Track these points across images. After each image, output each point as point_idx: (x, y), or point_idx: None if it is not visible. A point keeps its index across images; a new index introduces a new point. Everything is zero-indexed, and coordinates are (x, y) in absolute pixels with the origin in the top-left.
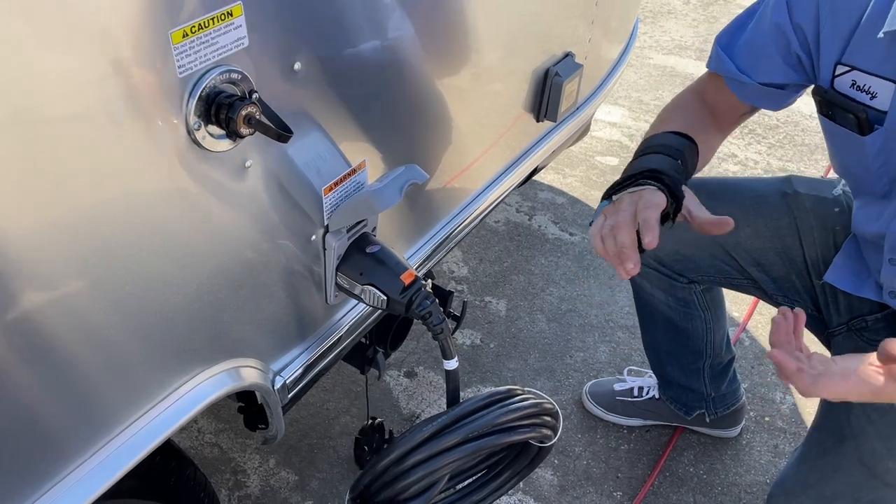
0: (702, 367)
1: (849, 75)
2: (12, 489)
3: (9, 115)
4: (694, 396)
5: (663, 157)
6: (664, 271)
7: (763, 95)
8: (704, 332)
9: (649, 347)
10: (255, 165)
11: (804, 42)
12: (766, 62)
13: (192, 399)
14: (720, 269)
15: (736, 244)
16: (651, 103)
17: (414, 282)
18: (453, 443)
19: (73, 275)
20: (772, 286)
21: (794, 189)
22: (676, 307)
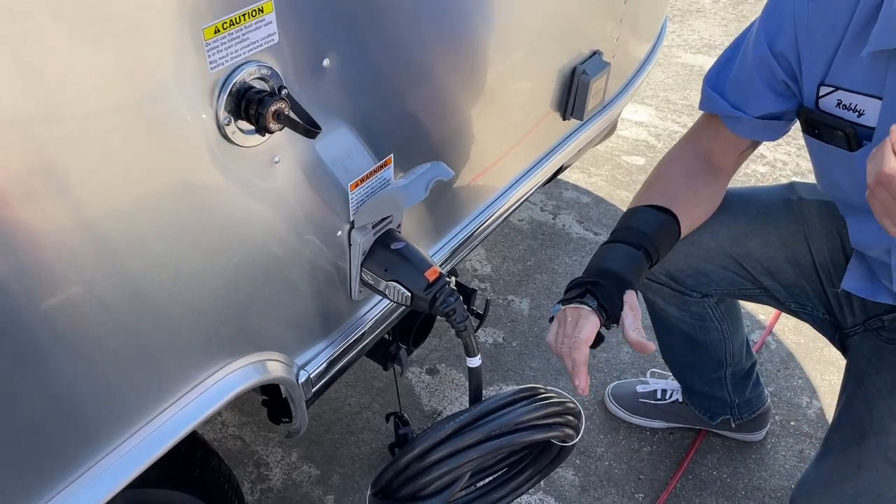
0: (723, 375)
1: (833, 95)
2: (42, 478)
3: (42, 111)
4: (718, 403)
5: (624, 249)
6: (676, 287)
7: (760, 129)
8: (722, 343)
9: (669, 361)
10: (283, 161)
11: (788, 69)
12: (755, 96)
13: (218, 391)
14: (732, 281)
15: (747, 255)
16: (679, 103)
17: (438, 279)
18: (476, 440)
19: (103, 268)
20: (784, 294)
21: (799, 195)
22: (691, 321)
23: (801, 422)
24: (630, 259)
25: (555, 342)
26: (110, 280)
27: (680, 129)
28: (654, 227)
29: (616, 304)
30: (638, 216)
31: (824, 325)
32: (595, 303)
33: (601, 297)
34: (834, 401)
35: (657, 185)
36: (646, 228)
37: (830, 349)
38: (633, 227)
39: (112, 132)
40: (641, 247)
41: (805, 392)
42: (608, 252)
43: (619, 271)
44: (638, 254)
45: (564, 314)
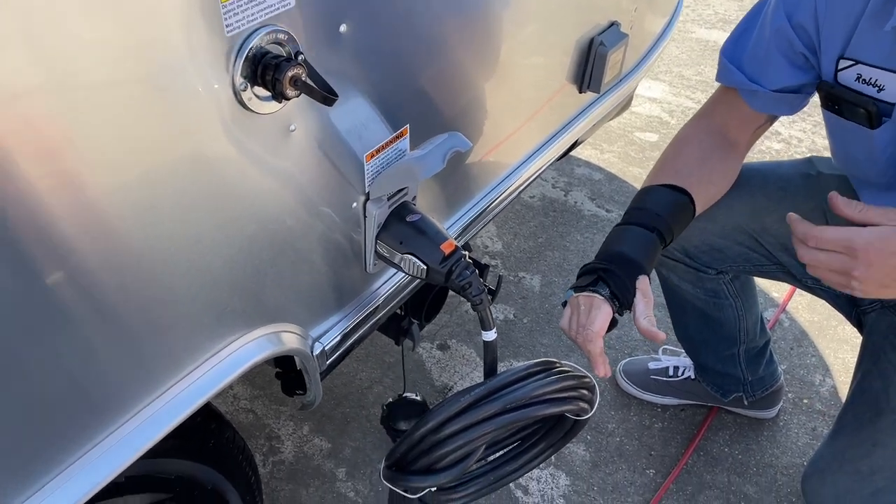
0: (737, 352)
1: (853, 69)
2: (60, 447)
3: (53, 79)
4: (731, 381)
5: (638, 231)
6: (691, 264)
7: (777, 102)
8: (736, 320)
9: (682, 337)
10: (299, 129)
11: (807, 40)
12: (774, 68)
13: (232, 362)
14: (748, 258)
15: (763, 231)
16: (693, 78)
17: (454, 252)
18: (490, 413)
19: (117, 237)
20: (800, 270)
21: (818, 170)
22: (706, 298)
23: (813, 399)
24: (643, 242)
25: (569, 329)
26: (123, 248)
27: (694, 106)
28: (667, 208)
29: (629, 290)
30: (652, 196)
31: (840, 302)
32: (608, 291)
33: (613, 284)
34: (847, 379)
35: (671, 163)
36: (659, 209)
37: (844, 327)
38: (646, 209)
39: (126, 99)
40: (655, 229)
41: (818, 370)
42: (621, 235)
43: (632, 256)
44: (651, 236)
45: (577, 301)
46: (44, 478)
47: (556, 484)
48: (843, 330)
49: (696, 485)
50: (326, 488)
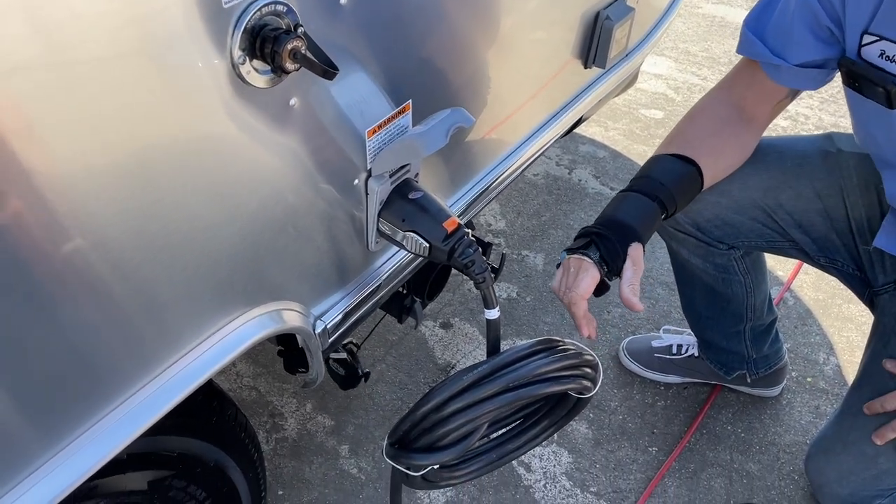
0: (743, 329)
1: (877, 45)
2: (62, 423)
3: (53, 53)
4: (735, 358)
5: (639, 199)
6: (702, 238)
7: (800, 76)
8: (745, 297)
9: (688, 312)
10: (299, 104)
11: (833, 13)
12: (797, 42)
13: (234, 340)
14: (761, 233)
15: (777, 207)
16: (699, 54)
17: (457, 229)
18: (493, 391)
19: (116, 215)
20: (813, 248)
21: (837, 147)
22: (715, 273)
23: (817, 378)
24: (643, 210)
25: (557, 289)
26: (122, 227)
27: (700, 82)
28: (673, 178)
29: (619, 257)
30: (658, 165)
31: (854, 281)
32: (597, 255)
33: (604, 249)
34: (851, 358)
35: (682, 133)
36: (664, 178)
37: (849, 306)
38: (651, 177)
39: (123, 73)
40: (657, 198)
41: (822, 348)
42: (621, 202)
43: (628, 223)
44: (652, 205)
45: (568, 263)
46: (46, 454)
47: (559, 461)
48: (848, 308)
49: (699, 462)
50: (329, 465)
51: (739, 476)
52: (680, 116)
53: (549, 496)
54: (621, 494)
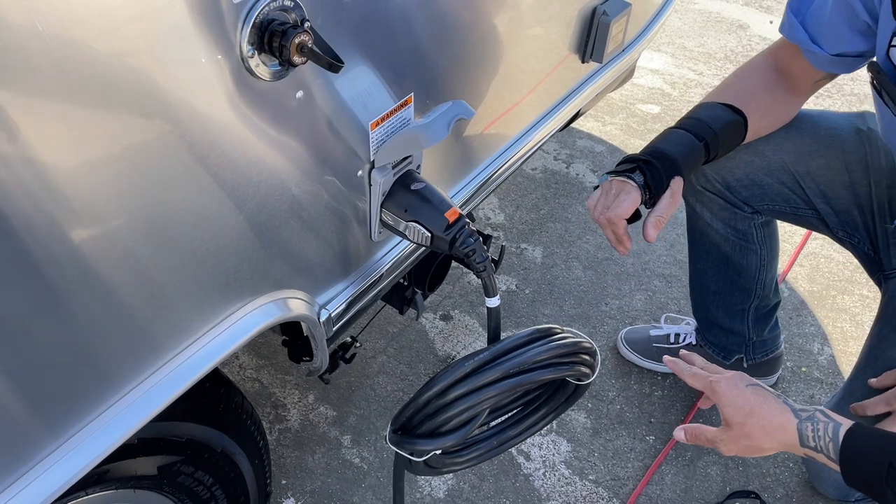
0: (747, 308)
1: None
2: (75, 409)
3: (62, 47)
4: (735, 340)
5: (687, 136)
6: (729, 198)
7: (836, 63)
8: (758, 270)
9: (696, 286)
10: (305, 97)
11: (871, 8)
12: (834, 34)
13: (241, 327)
14: (787, 198)
15: (806, 173)
16: (695, 50)
17: (458, 219)
18: (494, 377)
19: (125, 206)
20: (835, 220)
21: (868, 126)
22: (734, 239)
23: (812, 368)
24: (690, 147)
25: (594, 209)
26: (130, 218)
27: (696, 77)
28: (721, 124)
29: (662, 186)
30: (708, 111)
31: (867, 260)
32: (642, 180)
33: (650, 175)
34: (845, 348)
35: (732, 87)
36: (713, 123)
37: (843, 297)
38: (700, 119)
39: (134, 67)
40: (703, 139)
41: (817, 339)
42: (669, 135)
43: (674, 156)
44: (699, 145)
45: (610, 185)
46: (60, 438)
47: (558, 450)
48: (843, 300)
49: (695, 451)
50: (332, 455)
51: (735, 464)
52: (677, 111)
53: (548, 484)
54: (619, 482)
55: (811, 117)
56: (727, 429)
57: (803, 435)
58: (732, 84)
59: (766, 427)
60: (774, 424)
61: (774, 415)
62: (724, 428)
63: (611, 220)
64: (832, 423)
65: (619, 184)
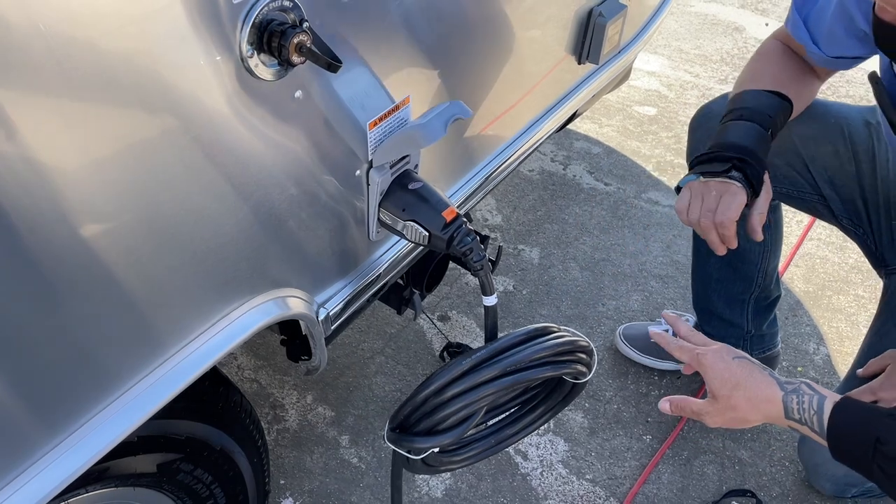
0: (748, 298)
1: None
2: (74, 407)
3: (63, 46)
4: (733, 332)
5: (755, 127)
6: None
7: (835, 63)
8: (760, 256)
9: (699, 273)
10: (304, 97)
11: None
12: (834, 39)
13: (240, 326)
14: (795, 182)
15: (814, 158)
16: (691, 52)
17: (455, 219)
18: (492, 375)
19: (125, 206)
20: (840, 207)
21: (878, 120)
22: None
23: (807, 367)
24: (763, 139)
25: (689, 212)
26: (131, 217)
27: (692, 80)
28: (776, 111)
29: (760, 183)
30: (759, 100)
31: (870, 254)
32: (745, 179)
33: (750, 174)
34: (840, 348)
35: (766, 73)
36: (770, 111)
37: (838, 297)
38: (757, 109)
39: (135, 68)
40: (769, 128)
41: (812, 339)
42: (744, 131)
43: (757, 151)
44: (766, 135)
45: (707, 187)
46: (60, 435)
47: (555, 450)
48: (838, 300)
49: (692, 450)
50: (330, 455)
51: (732, 463)
52: (673, 113)
53: (545, 483)
54: (616, 481)
55: (823, 104)
56: (713, 401)
57: (788, 407)
58: (764, 71)
59: (752, 399)
60: (760, 397)
61: (760, 387)
62: (710, 400)
63: (722, 223)
64: (817, 396)
65: (720, 185)
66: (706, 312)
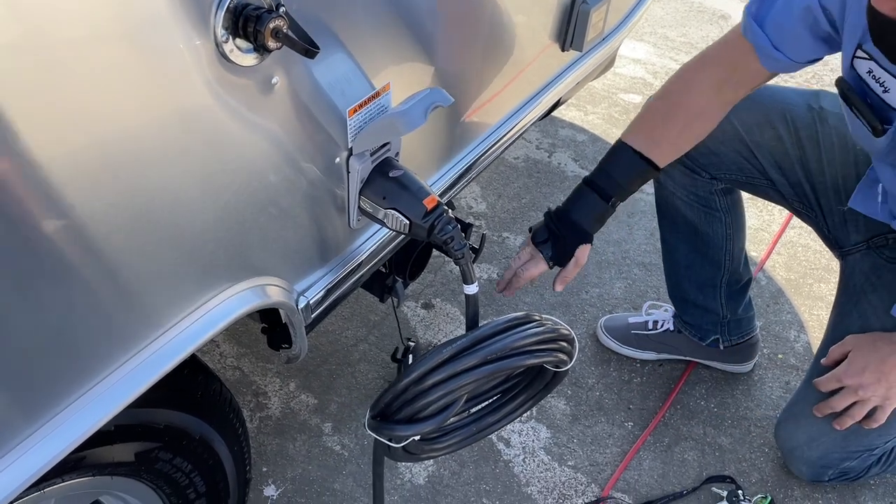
0: (719, 283)
1: (867, 63)
2: (45, 396)
3: (30, 33)
4: (710, 319)
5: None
6: (688, 164)
7: (793, 67)
8: (724, 239)
9: (669, 263)
10: (281, 83)
11: (832, 21)
12: (799, 42)
13: (218, 314)
14: (742, 167)
15: (759, 144)
16: (677, 39)
17: (436, 207)
18: (472, 364)
19: (99, 192)
20: (790, 191)
21: (821, 105)
22: (698, 206)
23: (788, 354)
24: (599, 212)
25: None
26: (106, 204)
27: (677, 67)
28: (631, 178)
29: (567, 256)
30: (621, 162)
31: (824, 237)
32: (550, 254)
33: (557, 251)
34: (821, 335)
35: (653, 129)
36: (622, 178)
37: (819, 285)
38: (611, 176)
39: (106, 54)
40: (611, 198)
41: (793, 326)
42: (583, 200)
43: (584, 227)
44: (606, 207)
45: (526, 251)
46: (33, 425)
47: (537, 436)
48: (819, 287)
49: (673, 437)
50: (313, 442)
51: (712, 449)
52: None
53: (527, 470)
54: (598, 467)
55: (766, 89)
56: None
57: None
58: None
59: None
60: None
61: None
62: None
63: (517, 281)
64: None
65: (531, 252)
66: (681, 301)
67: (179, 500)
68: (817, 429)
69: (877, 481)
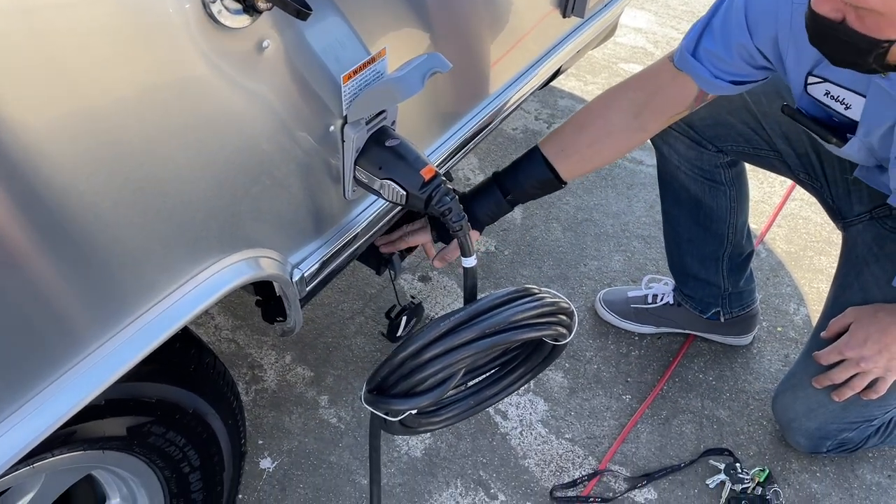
0: (721, 256)
1: (822, 85)
2: (33, 369)
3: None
4: (711, 292)
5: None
6: (694, 136)
7: (732, 88)
8: (728, 212)
9: (671, 236)
10: (272, 47)
11: (767, 58)
12: (736, 69)
13: (210, 286)
14: (749, 138)
15: (766, 114)
16: (678, 8)
17: (434, 177)
18: (470, 338)
19: (87, 162)
20: (796, 162)
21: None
22: (702, 180)
23: (787, 327)
24: (496, 209)
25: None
26: (96, 174)
27: (678, 36)
28: (533, 185)
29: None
30: (529, 167)
31: (828, 208)
32: (436, 235)
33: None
34: (820, 308)
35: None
36: (527, 182)
37: (819, 258)
38: (517, 178)
39: (89, 15)
40: (513, 201)
41: (793, 299)
42: (486, 192)
43: (478, 217)
44: (505, 204)
45: (425, 220)
46: (21, 399)
47: (535, 409)
48: (819, 260)
49: (671, 409)
50: (309, 415)
51: (710, 422)
52: None
53: (524, 443)
54: (595, 440)
55: None
56: None
57: None
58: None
59: None
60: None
61: None
62: None
63: (402, 239)
64: None
65: (423, 221)
66: (682, 274)
67: (173, 474)
68: (815, 400)
69: (874, 453)
